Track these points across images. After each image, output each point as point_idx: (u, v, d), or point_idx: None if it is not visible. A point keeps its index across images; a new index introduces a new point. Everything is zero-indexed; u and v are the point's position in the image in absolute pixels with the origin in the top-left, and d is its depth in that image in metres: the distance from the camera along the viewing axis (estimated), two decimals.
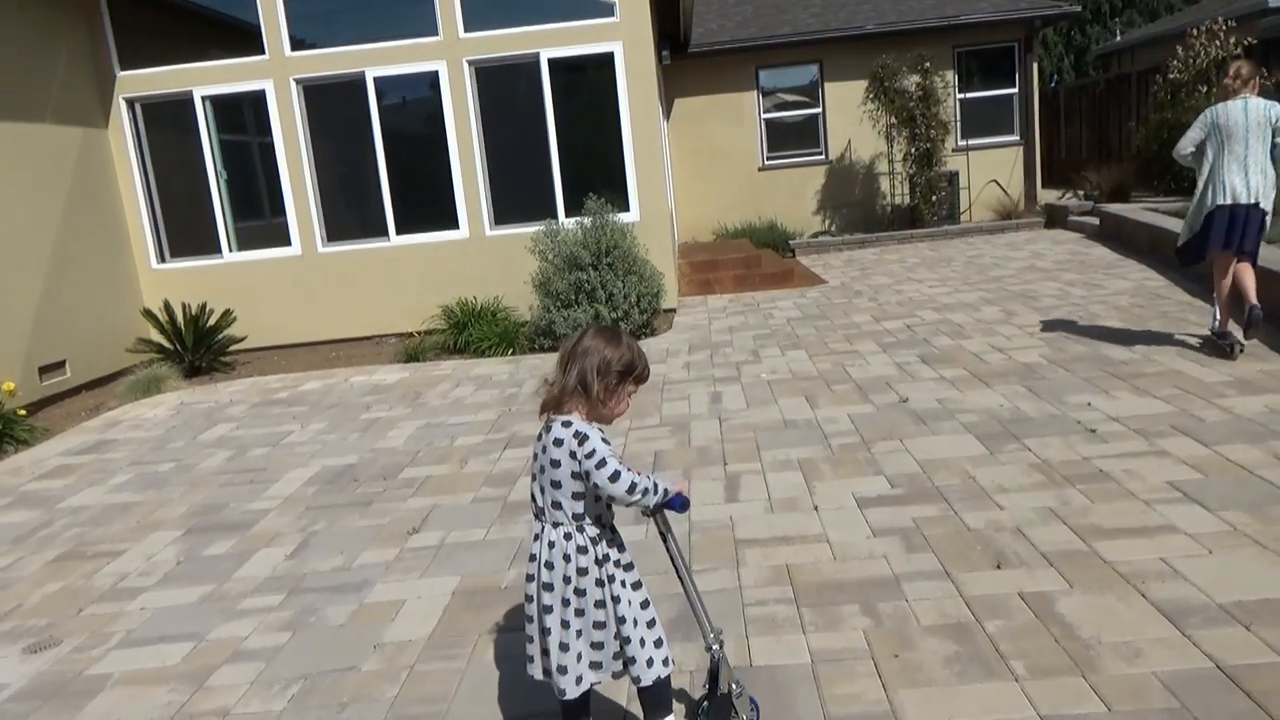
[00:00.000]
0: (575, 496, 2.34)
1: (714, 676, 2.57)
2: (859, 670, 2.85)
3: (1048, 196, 15.45)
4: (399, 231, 10.17)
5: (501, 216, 10.14)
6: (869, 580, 3.41)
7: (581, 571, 2.35)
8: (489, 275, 9.87)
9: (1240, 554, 3.32)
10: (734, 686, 2.58)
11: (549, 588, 2.37)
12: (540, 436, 2.40)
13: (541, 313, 9.00)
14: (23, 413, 7.34)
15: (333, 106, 10.06)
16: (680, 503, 2.41)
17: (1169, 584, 3.16)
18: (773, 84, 15.77)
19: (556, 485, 2.34)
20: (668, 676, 2.49)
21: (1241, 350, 5.86)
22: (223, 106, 10.05)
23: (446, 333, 9.44)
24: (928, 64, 13.92)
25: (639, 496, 2.32)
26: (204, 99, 9.86)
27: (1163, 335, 6.63)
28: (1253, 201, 5.64)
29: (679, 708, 2.70)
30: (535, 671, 2.46)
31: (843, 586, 3.38)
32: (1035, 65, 15.20)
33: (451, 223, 10.12)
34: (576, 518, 2.36)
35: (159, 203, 10.17)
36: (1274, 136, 5.53)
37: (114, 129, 9.84)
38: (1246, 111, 5.61)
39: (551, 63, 9.73)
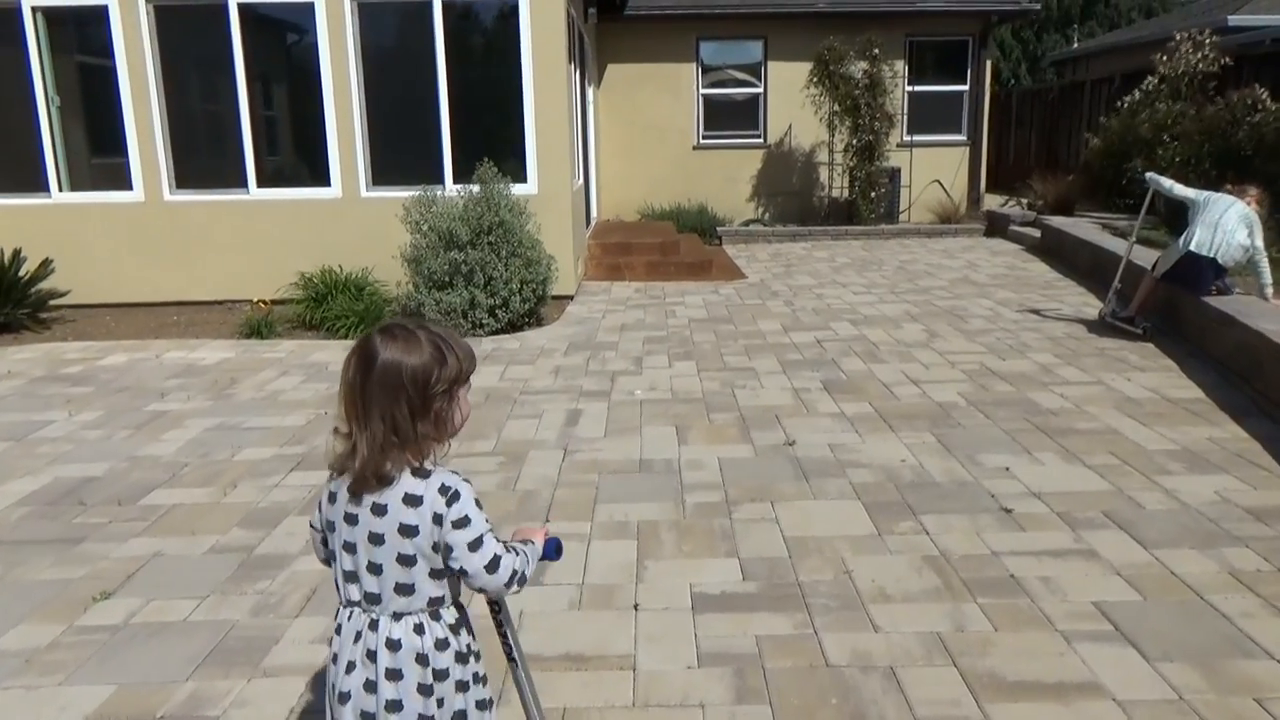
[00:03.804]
0: (435, 574, 1.69)
1: None
2: None
3: (991, 203, 14.66)
4: (260, 184, 8.86)
5: (381, 176, 8.89)
6: None
7: (441, 675, 1.71)
8: (361, 242, 8.64)
9: None
10: None
11: (396, 706, 1.68)
12: (343, 497, 1.70)
13: (411, 292, 7.83)
14: None
15: (190, 34, 8.67)
16: (554, 548, 1.90)
17: None
18: (714, 58, 14.64)
19: (406, 561, 1.67)
20: None
21: (1146, 333, 6.72)
22: (59, 21, 8.60)
23: (303, 304, 8.21)
24: (877, 51, 12.93)
25: (516, 588, 1.73)
26: (34, 10, 8.40)
27: (1099, 378, 5.75)
28: (1210, 256, 6.42)
29: None
30: None
31: None
32: (989, 64, 14.34)
33: (322, 179, 8.84)
34: (434, 603, 1.71)
35: None
36: (1250, 251, 6.43)
37: None
38: (1234, 207, 6.51)
39: (446, 6, 8.48)
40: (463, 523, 1.65)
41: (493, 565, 1.67)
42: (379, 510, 1.66)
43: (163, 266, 8.87)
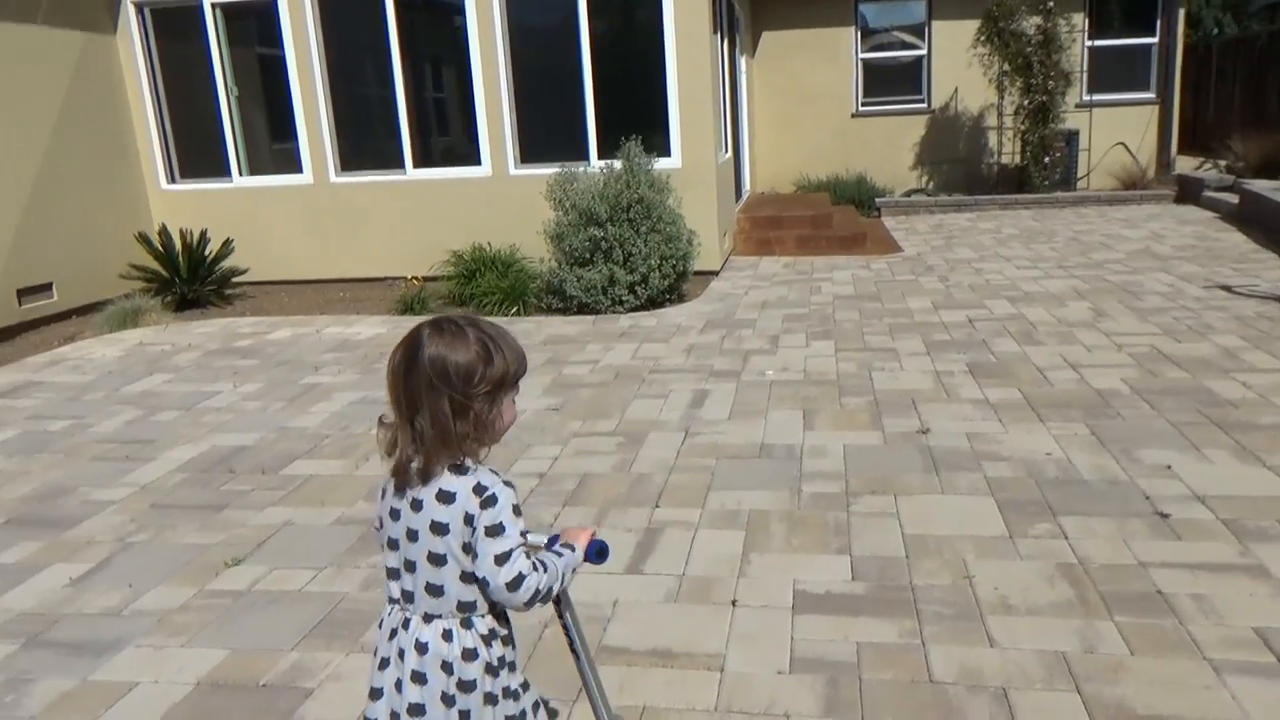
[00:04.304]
0: (465, 578, 1.63)
1: None
2: None
3: (1185, 165, 13.36)
4: (416, 164, 9.19)
5: (528, 154, 9.03)
6: None
7: (467, 686, 1.65)
8: (509, 219, 8.81)
9: None
10: None
11: (418, 710, 1.66)
12: (391, 491, 1.68)
13: (554, 268, 7.92)
14: None
15: (350, 22, 9.07)
16: (595, 551, 1.78)
17: None
18: (874, 20, 14.01)
19: (438, 560, 1.63)
20: None
21: None
22: (236, 15, 9.19)
23: (454, 281, 8.48)
24: (1051, 3, 11.97)
25: (538, 605, 1.66)
26: (214, 6, 9.01)
27: None
28: None
29: None
30: None
31: None
32: (1182, 12, 12.98)
33: (473, 158, 9.08)
34: (464, 608, 1.65)
35: (169, 119, 9.44)
36: None
37: (122, 36, 9.10)
38: None
39: None
40: (496, 530, 1.60)
41: (515, 583, 1.61)
42: (416, 505, 1.64)
43: (330, 245, 9.37)
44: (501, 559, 1.60)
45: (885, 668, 2.60)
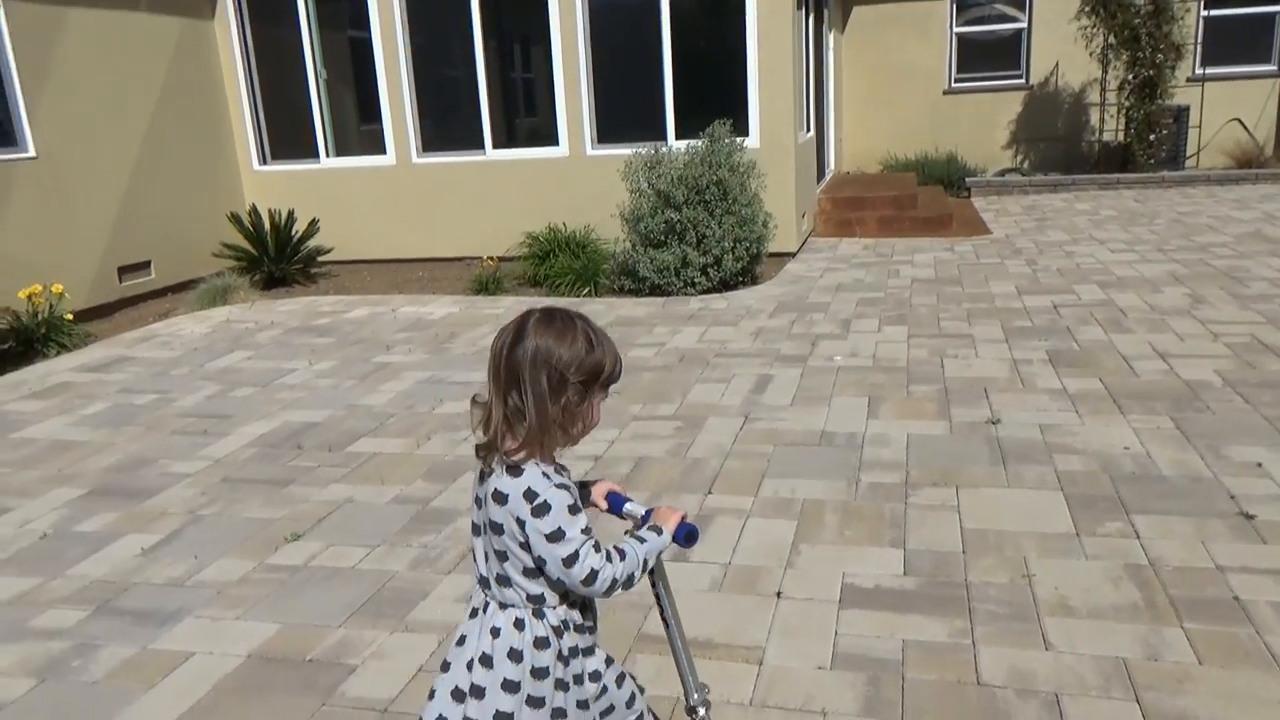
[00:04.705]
0: (529, 573, 1.66)
1: None
2: None
3: None
4: (496, 145, 9.26)
5: (605, 135, 9.00)
6: None
7: (539, 673, 1.67)
8: (585, 199, 8.81)
9: None
10: None
11: (479, 693, 1.67)
12: (482, 478, 1.69)
13: (628, 249, 7.89)
14: (69, 318, 7.08)
15: (434, 4, 9.16)
16: (684, 535, 1.74)
17: None
18: None
19: (502, 556, 1.66)
20: None
21: None
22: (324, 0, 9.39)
23: (528, 261, 8.54)
24: None
25: (620, 591, 1.65)
26: None
27: None
28: None
29: None
30: None
31: None
32: None
33: (551, 139, 9.10)
34: (534, 599, 1.67)
35: (262, 102, 9.73)
36: None
37: (220, 21, 9.40)
38: None
39: None
40: (556, 536, 1.59)
41: (589, 579, 1.61)
42: (483, 501, 1.66)
43: (410, 225, 9.54)
44: (570, 560, 1.60)
45: (930, 668, 2.50)
